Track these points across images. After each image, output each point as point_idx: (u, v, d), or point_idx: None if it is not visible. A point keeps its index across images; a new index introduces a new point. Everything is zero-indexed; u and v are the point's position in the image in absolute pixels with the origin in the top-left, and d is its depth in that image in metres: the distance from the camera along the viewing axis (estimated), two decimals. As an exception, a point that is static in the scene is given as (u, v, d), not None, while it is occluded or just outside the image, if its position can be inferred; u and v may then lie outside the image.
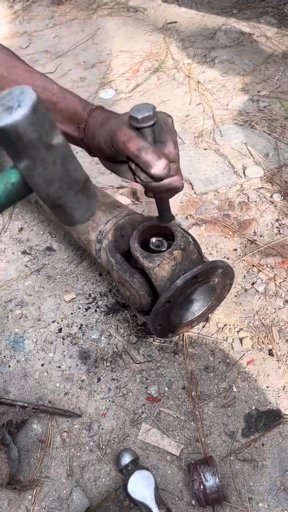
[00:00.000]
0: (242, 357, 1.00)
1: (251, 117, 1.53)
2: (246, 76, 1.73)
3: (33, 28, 2.25)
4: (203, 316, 0.98)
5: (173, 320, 0.91)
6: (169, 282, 0.84)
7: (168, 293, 0.82)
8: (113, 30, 2.15)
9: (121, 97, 1.73)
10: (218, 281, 0.91)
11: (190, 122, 1.57)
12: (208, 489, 0.77)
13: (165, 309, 0.85)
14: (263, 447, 0.88)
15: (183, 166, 1.40)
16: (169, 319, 0.89)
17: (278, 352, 0.99)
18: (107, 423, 0.94)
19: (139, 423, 0.93)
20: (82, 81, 1.86)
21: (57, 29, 2.22)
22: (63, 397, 0.98)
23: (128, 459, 0.84)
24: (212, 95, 1.66)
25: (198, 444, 0.89)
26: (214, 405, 0.94)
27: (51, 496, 0.86)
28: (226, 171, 1.37)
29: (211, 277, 0.89)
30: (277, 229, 1.22)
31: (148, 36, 2.06)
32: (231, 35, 1.97)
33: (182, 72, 1.80)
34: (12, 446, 0.89)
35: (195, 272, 0.82)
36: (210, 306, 0.96)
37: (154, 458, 0.89)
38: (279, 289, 1.10)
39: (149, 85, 1.77)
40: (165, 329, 0.93)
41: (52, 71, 1.93)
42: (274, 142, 1.43)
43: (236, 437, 0.89)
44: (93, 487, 0.87)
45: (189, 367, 0.99)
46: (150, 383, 0.98)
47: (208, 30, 2.04)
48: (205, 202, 1.31)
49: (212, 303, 0.96)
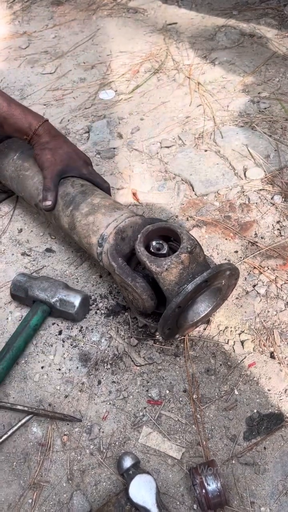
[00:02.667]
0: (244, 360, 0.99)
1: (252, 119, 1.53)
2: (246, 78, 1.73)
3: (32, 29, 2.25)
4: (208, 315, 0.97)
5: (181, 322, 0.90)
6: (177, 286, 0.84)
7: (179, 299, 0.81)
8: (113, 31, 2.15)
9: (121, 98, 1.73)
10: (224, 282, 0.91)
11: (191, 123, 1.57)
12: (210, 493, 0.77)
13: (175, 314, 0.85)
14: (265, 451, 0.87)
15: (184, 167, 1.40)
16: (177, 322, 0.89)
17: (280, 354, 0.99)
18: (107, 426, 0.93)
19: (140, 426, 0.92)
20: (82, 82, 1.85)
21: (56, 30, 2.22)
22: (64, 400, 0.97)
23: (129, 463, 0.83)
24: (212, 96, 1.66)
25: (199, 448, 0.89)
26: (216, 408, 0.93)
27: (51, 500, 0.85)
28: (227, 172, 1.37)
29: (219, 280, 0.88)
30: (278, 231, 1.21)
31: (148, 37, 2.05)
32: (231, 36, 1.97)
33: (182, 73, 1.79)
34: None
35: (205, 277, 0.82)
36: (215, 306, 0.96)
37: (155, 461, 0.88)
38: (280, 291, 1.09)
39: (149, 86, 1.77)
40: (173, 332, 0.92)
41: (51, 72, 1.92)
42: (274, 144, 1.42)
43: (238, 441, 0.89)
44: (94, 491, 0.86)
45: (190, 369, 0.99)
46: (151, 386, 0.97)
47: (208, 31, 2.04)
48: (206, 203, 1.31)
49: (217, 302, 0.96)
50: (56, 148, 1.08)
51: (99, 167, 1.46)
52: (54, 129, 1.12)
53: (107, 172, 1.44)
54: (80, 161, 1.11)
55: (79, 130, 1.61)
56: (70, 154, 1.09)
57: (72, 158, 1.09)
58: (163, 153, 1.47)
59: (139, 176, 1.42)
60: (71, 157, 1.09)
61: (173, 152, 1.47)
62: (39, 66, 1.97)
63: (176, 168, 1.41)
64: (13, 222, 1.32)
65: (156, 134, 1.55)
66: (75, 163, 1.10)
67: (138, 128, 1.58)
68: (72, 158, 1.10)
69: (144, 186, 1.39)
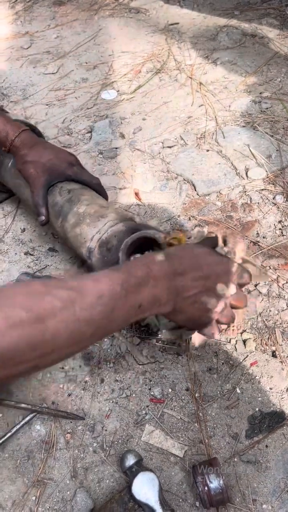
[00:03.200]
0: (246, 359, 1.00)
1: (254, 119, 1.54)
2: (248, 78, 1.73)
3: (34, 29, 2.25)
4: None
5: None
6: None
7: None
8: (115, 31, 2.15)
9: (123, 98, 1.73)
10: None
11: (193, 123, 1.57)
12: (212, 490, 0.77)
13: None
14: (266, 449, 0.88)
15: (186, 167, 1.41)
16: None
17: (282, 353, 1.00)
18: (110, 425, 0.94)
19: (143, 424, 0.93)
20: (84, 82, 1.86)
21: (58, 30, 2.22)
22: (67, 398, 0.98)
23: (132, 460, 0.84)
24: (214, 97, 1.67)
25: (201, 446, 0.89)
26: (218, 407, 0.94)
27: (54, 497, 0.86)
28: (229, 172, 1.37)
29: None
30: (280, 230, 1.22)
31: (150, 37, 2.06)
32: (233, 36, 1.97)
33: (184, 73, 1.80)
34: None
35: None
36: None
37: (158, 459, 0.89)
38: (282, 290, 1.10)
39: (151, 86, 1.77)
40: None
41: (54, 72, 1.93)
42: (276, 144, 1.43)
43: (240, 439, 0.90)
44: (97, 488, 0.87)
45: (193, 368, 0.99)
46: (153, 385, 0.98)
47: (210, 31, 2.04)
48: (208, 203, 1.31)
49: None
50: (36, 159, 1.05)
51: (101, 167, 1.47)
52: (32, 137, 1.09)
53: (109, 172, 1.45)
54: (64, 164, 1.08)
55: (81, 130, 1.62)
56: (51, 161, 1.06)
57: (54, 165, 1.06)
58: (165, 153, 1.48)
59: (141, 176, 1.43)
60: (53, 164, 1.06)
61: (175, 152, 1.48)
62: (41, 66, 1.98)
63: (178, 168, 1.42)
64: (16, 222, 1.33)
65: (158, 134, 1.55)
66: (58, 168, 1.06)
67: (140, 128, 1.59)
68: (55, 164, 1.06)
69: (146, 186, 1.39)
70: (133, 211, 1.33)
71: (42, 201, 1.05)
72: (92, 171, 1.47)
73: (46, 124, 1.68)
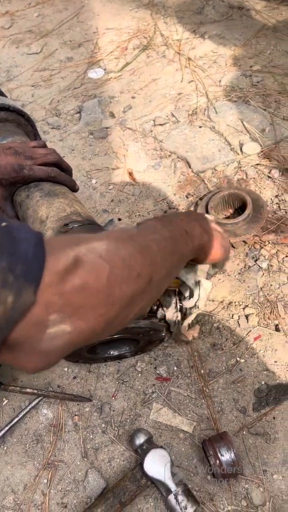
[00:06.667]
0: (249, 334, 1.00)
1: (245, 93, 1.51)
2: (237, 51, 1.70)
3: (14, 8, 2.18)
4: (119, 357, 0.98)
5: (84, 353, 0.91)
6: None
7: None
8: (98, 7, 2.09)
9: (110, 77, 1.69)
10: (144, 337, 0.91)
11: (183, 100, 1.54)
12: (224, 463, 0.78)
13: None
14: (274, 420, 0.89)
15: (179, 144, 1.38)
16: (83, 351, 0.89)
17: (284, 327, 1.00)
18: (118, 405, 0.93)
19: (150, 403, 0.93)
20: (70, 61, 1.81)
21: (39, 8, 2.15)
22: (72, 381, 0.97)
23: (142, 438, 0.84)
24: (204, 72, 1.63)
25: (210, 421, 0.90)
26: (224, 382, 0.94)
27: (66, 479, 0.86)
28: (223, 148, 1.36)
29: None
30: (277, 204, 1.21)
31: (135, 12, 2.01)
32: (220, 9, 1.93)
33: (171, 49, 1.76)
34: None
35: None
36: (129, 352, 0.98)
37: (167, 436, 0.89)
38: (282, 265, 1.10)
39: (138, 63, 1.73)
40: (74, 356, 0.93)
41: (37, 52, 1.87)
42: (269, 118, 1.41)
43: (248, 412, 0.90)
44: (108, 468, 0.87)
45: (196, 345, 0.99)
46: (158, 364, 0.98)
47: (195, 4, 1.99)
48: (203, 180, 1.30)
49: (132, 352, 0.98)
50: None
51: (92, 148, 1.44)
52: None
53: (101, 153, 1.42)
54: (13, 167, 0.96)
55: (70, 110, 1.58)
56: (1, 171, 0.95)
57: (5, 173, 0.96)
58: (157, 131, 1.45)
59: (134, 155, 1.40)
60: (4, 173, 0.96)
61: (167, 130, 1.45)
62: (24, 46, 1.92)
63: (171, 145, 1.40)
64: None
65: (149, 112, 1.52)
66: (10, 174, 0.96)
67: (130, 106, 1.56)
68: (6, 172, 0.96)
69: (139, 165, 1.37)
70: (128, 191, 1.31)
71: (10, 212, 0.99)
72: (83, 152, 1.44)
73: (33, 106, 1.63)
